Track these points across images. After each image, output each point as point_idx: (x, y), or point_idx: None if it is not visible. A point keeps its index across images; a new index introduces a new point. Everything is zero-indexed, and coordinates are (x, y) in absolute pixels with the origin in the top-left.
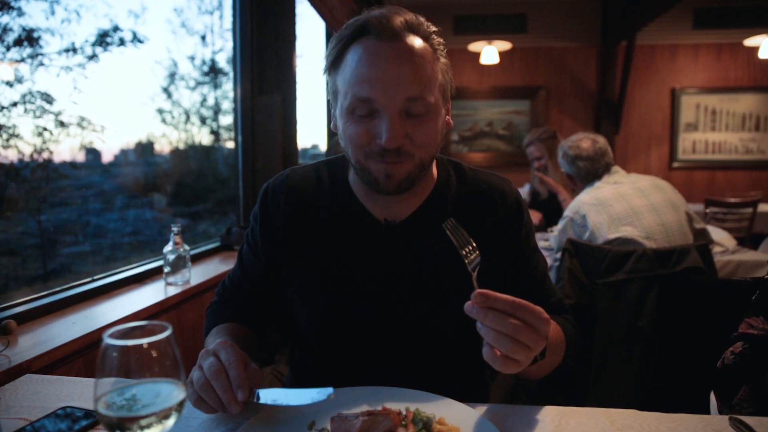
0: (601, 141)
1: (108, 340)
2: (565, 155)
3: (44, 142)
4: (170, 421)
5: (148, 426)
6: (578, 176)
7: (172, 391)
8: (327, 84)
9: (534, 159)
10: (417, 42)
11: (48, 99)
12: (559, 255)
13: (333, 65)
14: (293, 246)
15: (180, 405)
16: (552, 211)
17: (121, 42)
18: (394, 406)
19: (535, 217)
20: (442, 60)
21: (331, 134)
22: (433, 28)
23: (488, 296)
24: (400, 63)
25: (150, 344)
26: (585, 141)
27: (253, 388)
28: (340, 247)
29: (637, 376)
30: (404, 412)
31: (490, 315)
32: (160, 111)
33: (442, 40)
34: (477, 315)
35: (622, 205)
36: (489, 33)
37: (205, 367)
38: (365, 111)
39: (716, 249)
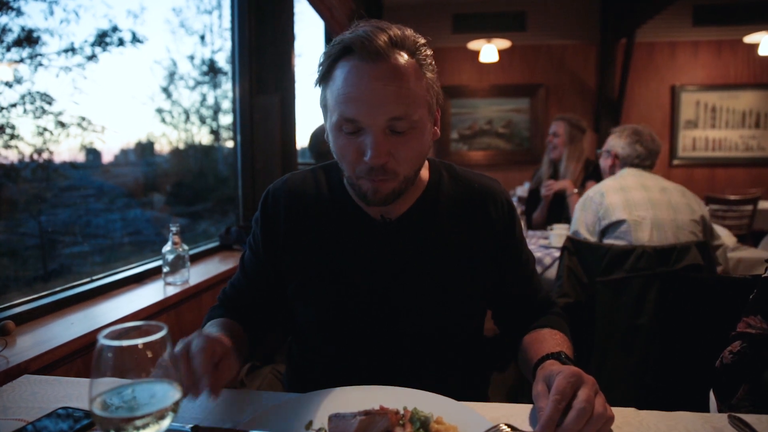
0: (659, 141)
1: (103, 341)
2: (625, 134)
3: (44, 142)
4: (165, 422)
5: (144, 426)
6: (625, 159)
7: (168, 392)
8: (320, 95)
9: (552, 134)
10: (401, 59)
11: (47, 99)
12: (577, 230)
13: (323, 79)
14: (293, 246)
15: (175, 405)
16: (554, 206)
17: (120, 42)
18: (391, 405)
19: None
20: (428, 75)
21: None
22: (421, 41)
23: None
24: (383, 84)
25: (145, 345)
26: (648, 135)
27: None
28: (338, 246)
29: (637, 375)
30: (402, 412)
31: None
32: (160, 111)
33: (430, 53)
34: None
35: (642, 194)
36: (488, 31)
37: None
38: (351, 129)
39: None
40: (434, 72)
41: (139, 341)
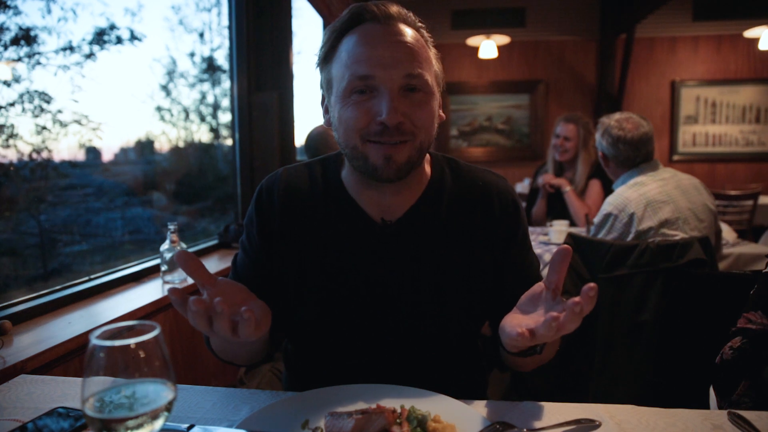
0: (646, 127)
1: (95, 341)
2: (606, 133)
3: (43, 141)
4: (159, 422)
5: (138, 427)
6: (615, 160)
7: (161, 392)
8: (320, 78)
9: (563, 137)
10: (410, 29)
11: (46, 98)
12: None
13: (326, 57)
14: (289, 245)
15: (169, 405)
16: (553, 202)
17: (119, 40)
18: (388, 403)
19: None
20: (432, 50)
21: None
22: (421, 24)
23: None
24: (398, 42)
25: (137, 344)
26: (629, 122)
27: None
28: (336, 247)
29: (640, 371)
30: (399, 410)
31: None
32: (159, 109)
33: (430, 35)
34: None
35: (670, 207)
36: (487, 27)
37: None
38: (364, 90)
39: None
40: (437, 52)
41: (132, 341)
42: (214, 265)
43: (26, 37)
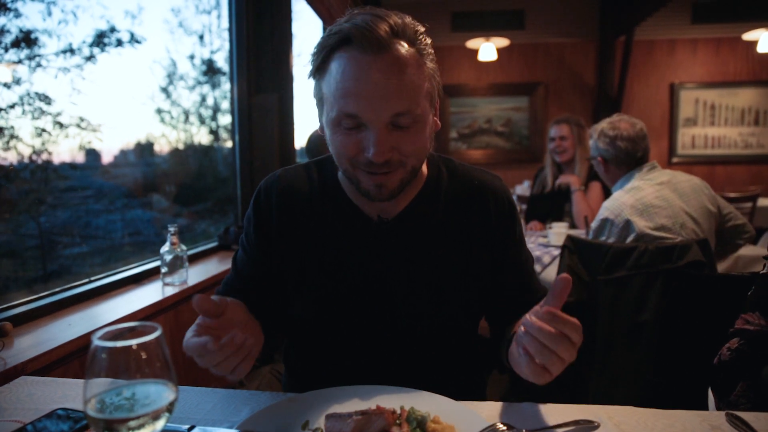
0: (640, 124)
1: (97, 342)
2: (602, 135)
3: (43, 143)
4: (160, 423)
5: (139, 427)
6: (615, 159)
7: (162, 392)
8: (313, 88)
9: (558, 137)
10: (402, 50)
11: (46, 100)
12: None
13: (317, 71)
14: (287, 245)
15: (170, 405)
16: (554, 204)
17: (119, 43)
18: (388, 404)
19: None
20: (429, 64)
21: None
22: (421, 28)
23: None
24: (386, 77)
25: (139, 345)
26: (623, 122)
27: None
28: (333, 245)
29: (640, 372)
30: (398, 411)
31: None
32: (159, 111)
33: (429, 41)
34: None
35: (667, 212)
36: (487, 29)
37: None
38: (352, 124)
39: None
40: (434, 61)
41: (133, 342)
42: (214, 267)
43: (27, 40)
